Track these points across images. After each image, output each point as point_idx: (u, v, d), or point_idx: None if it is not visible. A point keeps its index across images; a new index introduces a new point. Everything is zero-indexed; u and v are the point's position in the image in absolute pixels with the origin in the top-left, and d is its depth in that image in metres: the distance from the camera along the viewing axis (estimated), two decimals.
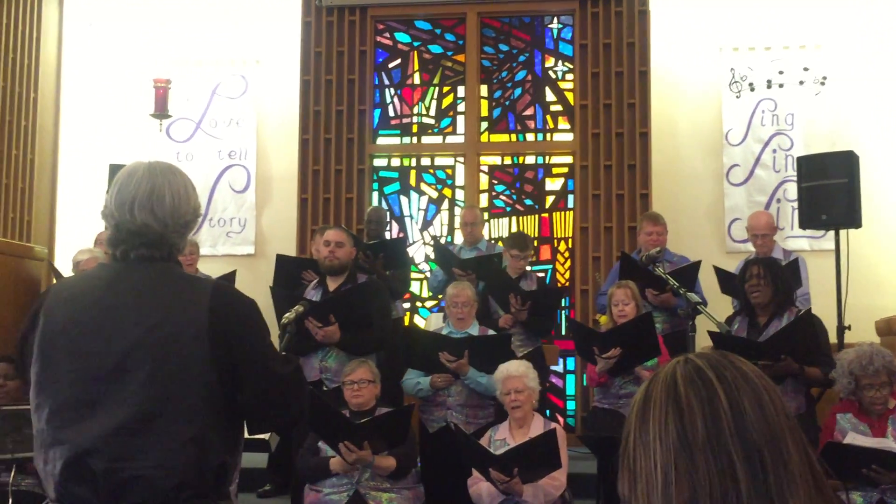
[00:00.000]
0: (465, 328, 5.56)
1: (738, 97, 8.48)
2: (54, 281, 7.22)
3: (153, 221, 2.27)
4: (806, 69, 8.40)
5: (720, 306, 6.37)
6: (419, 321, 8.69)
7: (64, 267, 7.15)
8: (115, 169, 7.68)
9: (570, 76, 8.79)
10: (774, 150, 8.41)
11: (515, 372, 4.93)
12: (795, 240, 7.97)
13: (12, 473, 3.94)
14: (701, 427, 1.21)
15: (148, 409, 2.17)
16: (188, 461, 2.17)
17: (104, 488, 2.16)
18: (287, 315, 4.70)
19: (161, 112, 8.66)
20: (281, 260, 6.70)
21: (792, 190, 7.86)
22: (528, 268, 6.82)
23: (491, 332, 5.75)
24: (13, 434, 3.76)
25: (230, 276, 6.89)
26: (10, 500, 3.84)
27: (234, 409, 2.28)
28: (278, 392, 2.33)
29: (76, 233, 8.52)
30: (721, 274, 6.39)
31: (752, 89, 8.46)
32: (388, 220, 8.24)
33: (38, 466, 2.26)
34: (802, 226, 6.87)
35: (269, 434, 3.32)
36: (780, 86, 8.43)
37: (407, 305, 8.76)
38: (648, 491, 1.23)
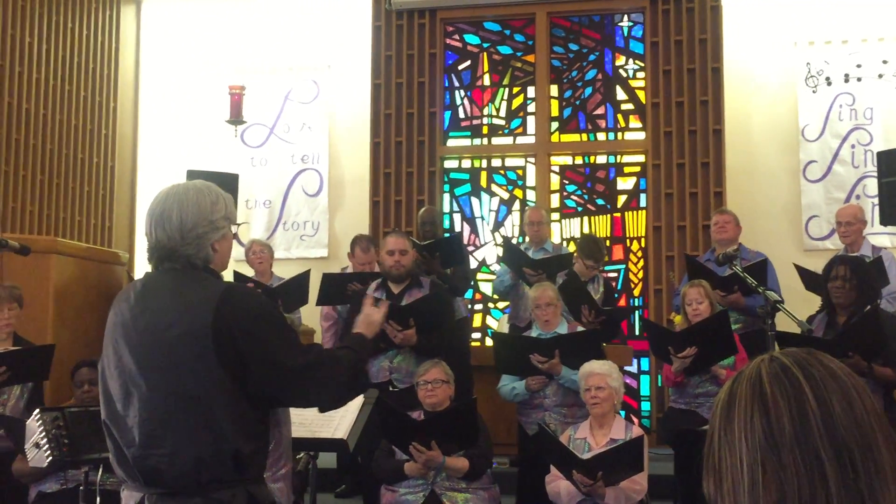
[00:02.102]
0: (552, 329, 5.54)
1: (814, 92, 8.32)
2: None
3: (164, 237, 2.53)
4: (885, 62, 8.20)
5: (799, 304, 6.25)
6: (491, 322, 8.69)
7: (143, 272, 7.32)
8: (192, 175, 7.83)
9: (641, 74, 8.72)
10: (853, 146, 8.23)
11: (599, 370, 4.90)
12: (876, 237, 7.78)
13: (100, 472, 4.05)
14: (788, 426, 1.19)
15: (165, 403, 2.41)
16: (200, 448, 2.38)
17: (138, 472, 2.42)
18: None
19: (236, 118, 8.82)
20: (327, 278, 6.57)
21: (872, 186, 7.68)
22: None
23: (581, 328, 5.71)
24: (100, 433, 3.86)
25: (304, 276, 6.95)
26: (98, 499, 3.94)
27: (253, 401, 2.46)
28: (292, 384, 2.50)
29: None
30: (803, 272, 6.28)
31: (829, 84, 8.29)
32: (442, 219, 8.27)
33: None
34: (883, 222, 6.71)
35: (346, 433, 3.35)
36: (858, 79, 8.25)
37: (479, 307, 8.78)
38: (734, 491, 1.22)
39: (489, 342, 7.46)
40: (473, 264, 8.58)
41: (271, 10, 9.32)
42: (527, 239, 7.12)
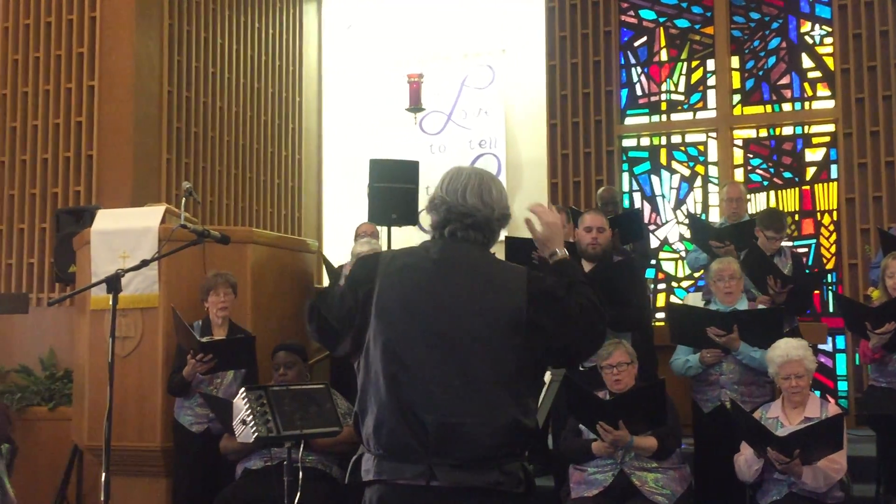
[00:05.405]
0: (732, 303, 5.38)
1: None
2: (325, 272, 7.67)
3: (481, 205, 2.58)
4: None
5: None
6: (675, 301, 8.53)
7: (331, 259, 7.58)
8: (375, 164, 8.07)
9: (828, 40, 8.34)
10: None
11: (795, 355, 4.65)
12: None
13: (301, 449, 4.24)
14: None
15: (482, 373, 2.43)
16: (507, 421, 2.42)
17: (434, 440, 2.41)
18: None
19: (415, 106, 9.02)
20: (510, 242, 6.60)
21: None
22: (785, 243, 6.50)
23: (761, 306, 5.54)
24: (300, 412, 4.06)
25: None
26: (301, 475, 4.14)
27: (539, 381, 2.60)
28: (586, 342, 2.62)
29: (341, 226, 9.03)
30: None
31: None
32: (622, 198, 8.17)
33: (365, 416, 2.52)
34: None
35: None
36: None
37: (662, 286, 8.64)
38: None
39: None
40: (655, 243, 8.46)
41: None
42: (712, 217, 6.94)
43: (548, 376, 3.39)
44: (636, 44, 8.93)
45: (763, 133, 8.56)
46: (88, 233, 5.69)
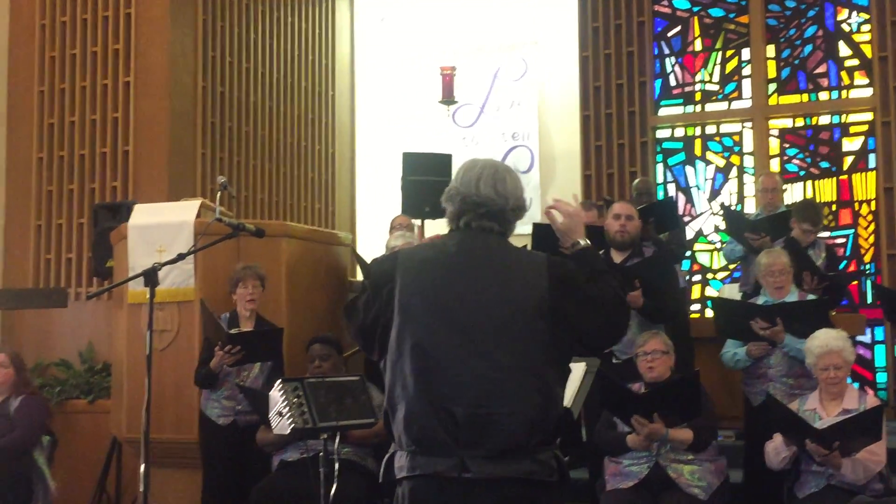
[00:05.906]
0: (782, 297, 5.34)
1: None
2: (357, 266, 7.70)
3: (495, 196, 2.58)
4: None
5: None
6: (711, 293, 8.48)
7: (365, 252, 7.61)
8: (408, 157, 8.08)
9: (866, 27, 8.24)
10: None
11: (834, 346, 4.60)
12: None
13: (336, 441, 4.26)
14: None
15: (505, 362, 2.43)
16: (536, 409, 2.43)
17: (465, 432, 2.41)
18: None
19: (448, 98, 9.02)
20: (537, 228, 6.56)
21: None
22: (822, 233, 6.43)
23: (811, 296, 5.48)
24: (335, 404, 4.09)
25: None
26: (337, 467, 4.16)
27: (566, 368, 2.57)
28: (611, 331, 2.66)
29: (374, 219, 9.05)
30: None
31: None
32: (656, 189, 8.10)
33: (395, 412, 2.51)
34: None
35: (570, 402, 3.37)
36: None
37: (697, 278, 8.59)
38: None
39: (709, 313, 7.29)
40: (690, 234, 8.40)
41: None
42: (748, 208, 6.88)
43: (582, 367, 3.38)
44: (670, 34, 8.87)
45: (799, 122, 8.47)
46: (126, 227, 5.73)
